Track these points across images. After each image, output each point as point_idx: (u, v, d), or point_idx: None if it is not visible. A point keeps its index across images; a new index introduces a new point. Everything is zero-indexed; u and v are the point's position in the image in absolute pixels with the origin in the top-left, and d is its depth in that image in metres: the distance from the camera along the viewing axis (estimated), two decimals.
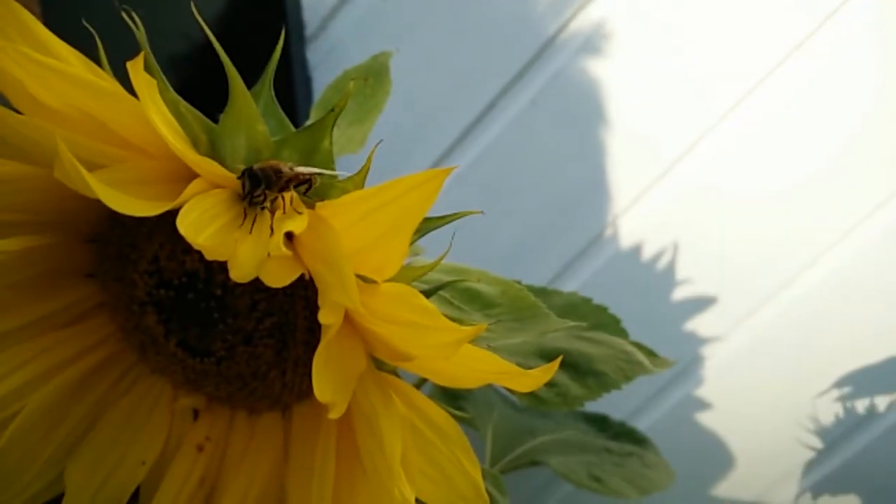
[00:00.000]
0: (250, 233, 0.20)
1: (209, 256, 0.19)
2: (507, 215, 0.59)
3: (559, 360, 0.22)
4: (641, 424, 0.58)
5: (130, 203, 0.18)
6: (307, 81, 0.57)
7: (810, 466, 0.59)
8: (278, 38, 0.26)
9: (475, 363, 0.22)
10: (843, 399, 0.57)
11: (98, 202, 0.25)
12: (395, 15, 0.55)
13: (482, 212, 0.25)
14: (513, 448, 0.44)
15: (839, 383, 0.57)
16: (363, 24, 0.55)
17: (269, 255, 0.18)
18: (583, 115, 0.56)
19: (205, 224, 0.19)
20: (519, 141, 0.57)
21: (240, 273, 0.18)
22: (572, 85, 0.56)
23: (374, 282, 0.21)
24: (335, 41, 0.56)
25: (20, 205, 0.23)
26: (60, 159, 0.17)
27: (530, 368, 0.33)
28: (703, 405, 0.62)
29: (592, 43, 0.54)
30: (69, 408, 0.28)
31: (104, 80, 0.20)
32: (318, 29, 0.56)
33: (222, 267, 0.25)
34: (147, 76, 0.19)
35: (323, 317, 0.19)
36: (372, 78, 0.35)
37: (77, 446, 0.28)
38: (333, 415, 0.20)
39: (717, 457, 0.61)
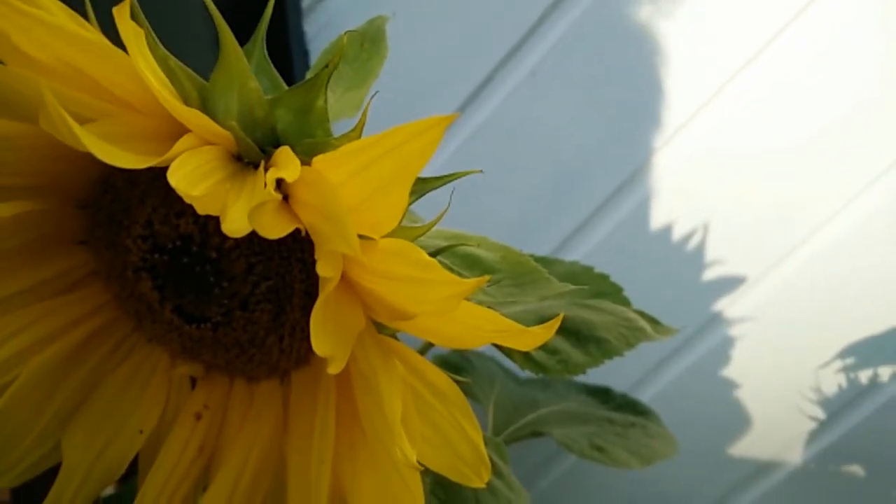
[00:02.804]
0: (243, 187, 0.19)
1: (201, 210, 0.18)
2: (506, 187, 0.58)
3: (560, 317, 0.21)
4: (644, 396, 0.58)
5: (118, 155, 0.18)
6: (305, 54, 0.57)
7: (813, 437, 0.59)
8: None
9: (476, 321, 0.21)
10: (846, 370, 0.56)
11: (88, 164, 0.25)
12: None
13: (481, 170, 0.24)
14: (515, 419, 0.44)
15: (842, 354, 0.56)
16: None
17: (261, 204, 0.18)
18: (583, 84, 0.56)
19: (197, 179, 0.19)
20: (518, 112, 0.56)
21: (232, 226, 0.18)
22: (572, 53, 0.55)
23: (373, 239, 0.21)
24: (332, 13, 0.55)
25: (10, 166, 0.22)
26: (46, 109, 0.16)
27: None
28: (704, 377, 0.62)
29: (594, 10, 0.53)
30: (65, 377, 0.28)
31: (90, 32, 0.20)
32: (314, 1, 0.56)
33: (217, 230, 0.25)
34: (134, 25, 0.18)
35: (321, 269, 0.18)
36: (368, 42, 0.34)
37: (74, 415, 0.28)
38: (333, 370, 0.20)
39: (718, 429, 0.61)
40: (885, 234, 0.54)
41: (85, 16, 0.22)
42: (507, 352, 0.33)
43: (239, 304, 0.26)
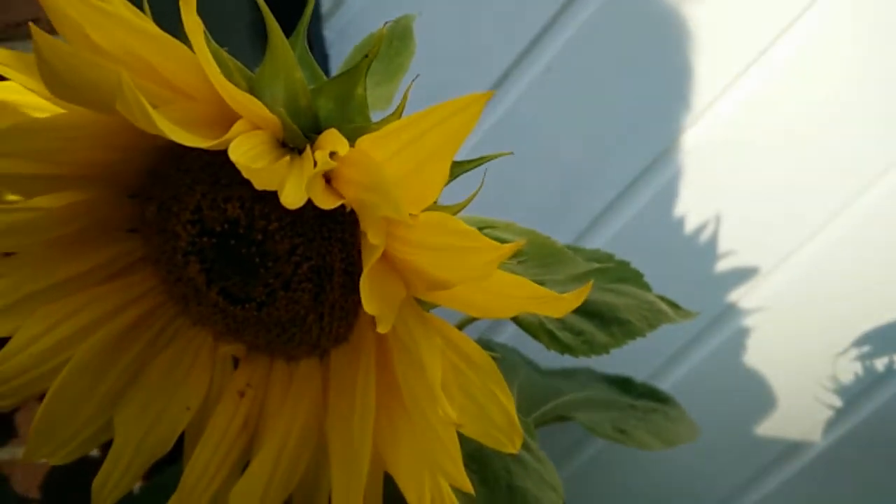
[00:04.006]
0: (294, 164, 0.21)
1: (259, 185, 0.20)
2: (523, 181, 0.60)
3: (590, 284, 0.22)
4: (662, 387, 0.58)
5: (186, 136, 0.19)
6: (324, 59, 0.58)
7: (830, 424, 0.59)
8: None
9: (510, 290, 0.23)
10: (862, 358, 0.57)
11: (140, 154, 0.27)
12: None
13: (512, 152, 0.26)
14: (539, 406, 0.45)
15: (858, 342, 0.57)
16: (377, 1, 0.56)
17: (317, 174, 0.19)
18: (598, 79, 0.57)
19: (255, 158, 0.20)
20: (534, 106, 0.57)
21: (290, 198, 0.19)
22: (588, 47, 0.56)
23: (414, 214, 0.22)
24: (350, 18, 0.57)
25: (68, 156, 0.24)
26: (124, 93, 0.18)
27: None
28: (721, 367, 0.63)
29: (610, 4, 0.55)
30: (114, 358, 0.29)
31: (150, 24, 0.21)
32: (333, 7, 0.57)
33: (263, 213, 0.26)
34: (197, 18, 0.20)
35: (371, 237, 0.20)
36: (396, 40, 0.36)
37: (124, 394, 0.30)
38: (382, 328, 0.21)
39: (736, 418, 0.62)
40: None
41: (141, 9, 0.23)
42: (534, 332, 0.35)
43: (282, 285, 0.27)
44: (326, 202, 0.20)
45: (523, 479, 0.31)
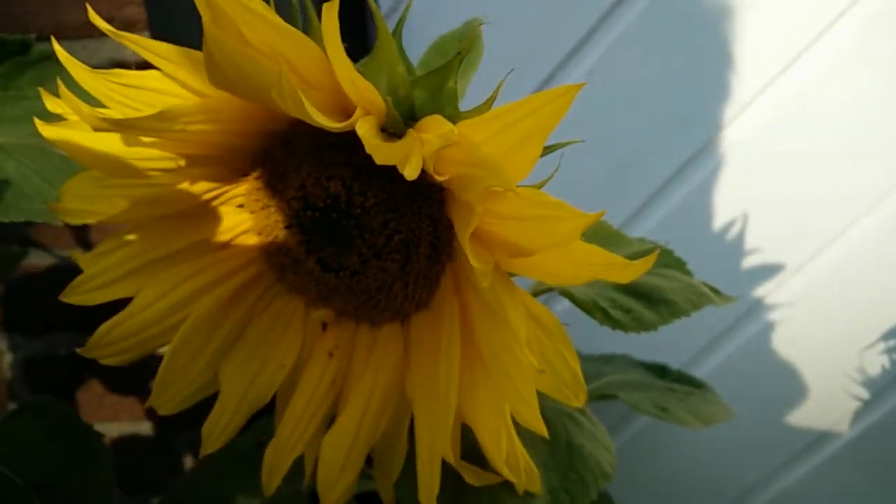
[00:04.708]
0: (407, 142, 0.24)
1: (381, 160, 0.24)
2: (570, 172, 0.63)
3: (657, 252, 0.26)
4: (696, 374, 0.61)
5: (327, 121, 0.23)
6: None
7: (858, 415, 0.62)
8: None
9: (586, 257, 0.26)
10: (889, 351, 0.60)
11: (258, 139, 0.31)
12: None
13: (582, 140, 0.29)
14: None
15: (886, 335, 0.60)
16: (433, 3, 0.60)
17: (436, 149, 0.23)
18: (641, 78, 0.60)
19: (374, 137, 0.24)
20: (578, 105, 0.61)
21: (411, 171, 0.23)
22: (631, 50, 0.60)
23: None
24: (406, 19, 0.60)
25: (203, 137, 0.28)
26: (281, 85, 0.22)
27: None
28: (750, 360, 0.65)
29: (651, 9, 0.58)
30: (221, 320, 0.33)
31: (287, 24, 0.25)
32: (389, 10, 0.61)
33: (361, 191, 0.30)
34: (336, 19, 0.23)
35: (476, 205, 0.23)
36: (466, 41, 0.40)
37: (228, 352, 0.33)
38: (486, 282, 0.25)
39: (766, 408, 0.65)
40: None
41: None
42: (588, 309, 0.38)
43: (374, 255, 0.31)
44: (442, 174, 0.24)
45: (580, 438, 0.35)
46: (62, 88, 0.27)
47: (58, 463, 0.44)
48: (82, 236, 0.73)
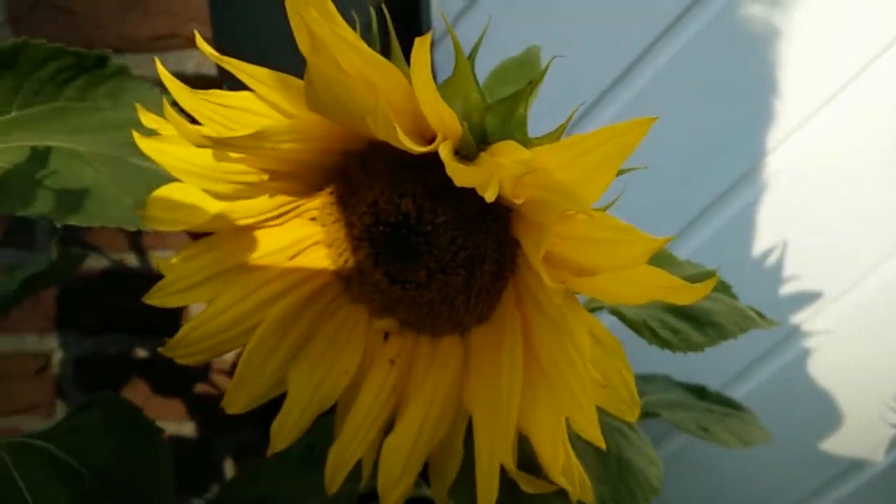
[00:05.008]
0: (485, 165, 0.26)
1: (461, 182, 0.25)
2: (616, 188, 0.64)
3: (715, 277, 0.27)
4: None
5: (415, 146, 0.25)
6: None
7: (893, 443, 0.62)
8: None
9: (647, 278, 0.27)
10: None
11: (337, 157, 0.32)
12: (516, 18, 0.61)
13: (645, 167, 0.31)
14: None
15: None
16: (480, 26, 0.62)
17: (517, 174, 0.24)
18: (686, 105, 0.62)
19: (453, 159, 0.26)
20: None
21: (490, 193, 0.24)
22: (677, 77, 0.61)
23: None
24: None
25: (291, 155, 0.30)
26: (377, 113, 0.24)
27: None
28: (787, 385, 0.66)
29: (697, 41, 0.59)
30: (292, 325, 0.35)
31: (376, 53, 0.27)
32: (443, 33, 0.63)
33: (431, 209, 0.32)
34: (426, 53, 0.25)
35: (550, 227, 0.25)
36: (526, 66, 0.41)
37: (297, 357, 0.35)
38: (558, 300, 0.26)
39: (801, 433, 0.65)
40: None
41: None
42: (638, 328, 0.39)
43: (440, 269, 0.33)
44: (517, 197, 0.25)
45: (629, 452, 0.36)
46: (167, 108, 0.29)
47: (120, 455, 0.46)
48: (135, 241, 0.76)
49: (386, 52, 0.29)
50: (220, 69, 0.63)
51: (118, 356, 0.77)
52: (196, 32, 0.29)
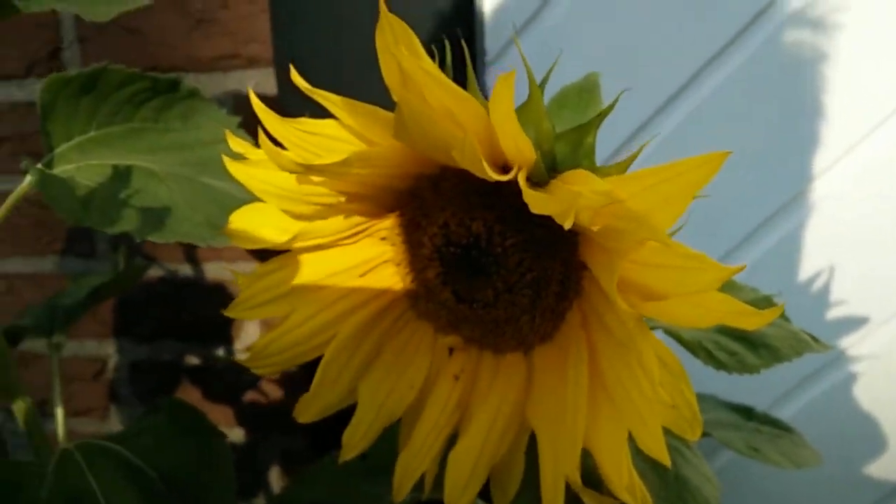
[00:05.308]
0: (562, 193, 0.28)
1: (539, 210, 0.27)
2: None
3: (782, 306, 0.28)
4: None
5: (496, 174, 0.26)
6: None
7: None
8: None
9: (715, 304, 0.28)
10: None
11: (411, 180, 0.34)
12: (570, 41, 0.63)
13: (708, 196, 0.32)
14: None
15: None
16: (539, 52, 0.64)
17: (599, 204, 0.26)
18: (739, 122, 0.62)
19: (528, 186, 0.27)
20: (675, 152, 0.63)
21: (568, 221, 0.26)
22: (726, 101, 0.62)
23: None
24: (513, 64, 0.64)
25: (372, 179, 0.32)
26: (465, 147, 0.25)
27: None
28: (831, 407, 0.66)
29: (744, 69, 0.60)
30: (362, 340, 0.37)
31: (458, 87, 0.28)
32: (495, 56, 0.65)
33: (501, 232, 0.33)
34: (510, 89, 0.26)
35: (623, 254, 0.26)
36: (585, 93, 0.43)
37: (366, 370, 0.37)
38: (631, 324, 0.27)
39: (845, 456, 0.65)
40: None
41: None
42: (693, 349, 0.40)
43: (507, 290, 0.34)
44: (593, 224, 0.27)
45: (686, 470, 0.37)
46: (262, 136, 0.31)
47: (186, 458, 0.48)
48: (189, 252, 0.79)
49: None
50: (281, 89, 0.65)
51: (171, 362, 0.80)
52: (291, 68, 0.30)
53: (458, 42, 0.55)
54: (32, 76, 0.74)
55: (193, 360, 0.79)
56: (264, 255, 0.36)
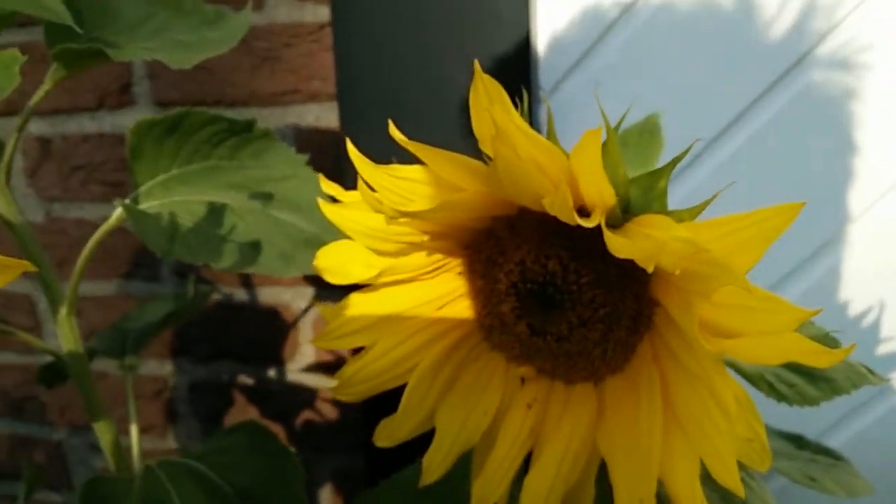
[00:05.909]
0: (633, 237, 0.30)
1: (621, 254, 0.29)
2: None
3: (853, 346, 0.30)
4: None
5: (583, 221, 0.29)
6: None
7: None
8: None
9: (787, 343, 0.30)
10: None
11: (489, 221, 0.36)
12: (622, 76, 0.65)
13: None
14: None
15: None
16: (591, 87, 0.66)
17: (685, 252, 0.28)
18: (784, 160, 0.64)
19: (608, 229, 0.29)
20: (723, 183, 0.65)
21: (650, 265, 0.28)
22: (776, 136, 0.63)
23: None
24: (564, 100, 0.67)
25: (456, 221, 0.34)
26: (556, 197, 0.28)
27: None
28: (876, 441, 0.66)
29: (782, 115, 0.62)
30: (441, 369, 0.39)
31: (545, 140, 0.31)
32: (549, 91, 0.68)
33: (576, 269, 0.35)
34: (598, 143, 0.29)
35: (706, 295, 0.28)
36: (646, 134, 0.45)
37: (444, 397, 0.39)
38: (711, 361, 0.29)
39: (889, 490, 0.65)
40: None
41: None
42: (755, 381, 0.42)
43: (580, 324, 0.36)
44: (673, 267, 0.29)
45: (752, 499, 0.38)
46: (361, 183, 0.33)
47: (261, 477, 0.51)
48: (245, 278, 0.82)
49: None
50: (343, 124, 0.68)
51: (228, 382, 0.83)
52: (390, 122, 0.33)
53: (517, 86, 0.58)
54: (103, 109, 0.78)
55: (250, 381, 0.82)
56: (321, 282, 0.39)
